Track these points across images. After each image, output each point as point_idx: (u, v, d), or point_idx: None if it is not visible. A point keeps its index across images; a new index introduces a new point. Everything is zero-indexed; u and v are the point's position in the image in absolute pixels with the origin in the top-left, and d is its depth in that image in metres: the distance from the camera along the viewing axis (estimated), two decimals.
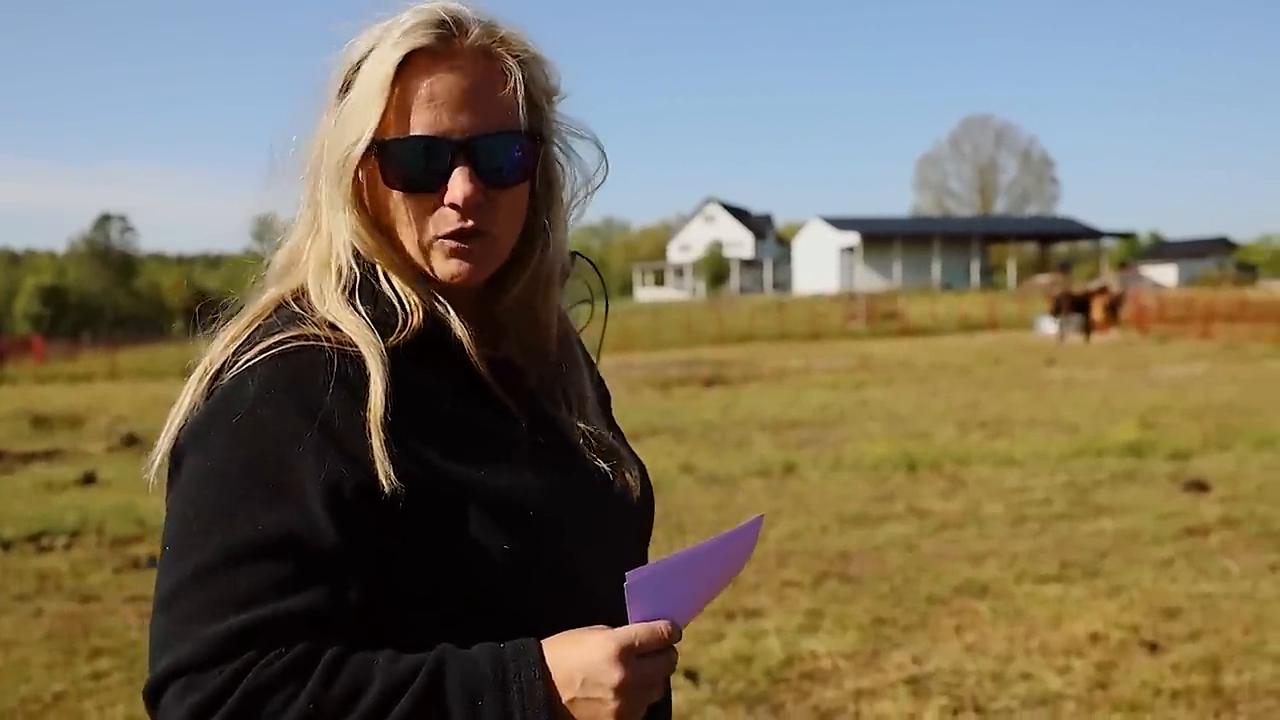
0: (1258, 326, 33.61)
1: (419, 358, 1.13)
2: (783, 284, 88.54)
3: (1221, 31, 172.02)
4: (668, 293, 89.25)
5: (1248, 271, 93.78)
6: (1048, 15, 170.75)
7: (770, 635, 5.26)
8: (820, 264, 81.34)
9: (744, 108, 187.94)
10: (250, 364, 1.08)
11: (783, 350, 31.66)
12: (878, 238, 79.29)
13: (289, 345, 1.08)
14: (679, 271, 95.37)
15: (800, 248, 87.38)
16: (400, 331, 1.12)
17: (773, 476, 9.85)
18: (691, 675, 4.68)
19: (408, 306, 1.14)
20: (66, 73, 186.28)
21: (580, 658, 1.02)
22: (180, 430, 1.11)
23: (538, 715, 1.00)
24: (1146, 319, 37.82)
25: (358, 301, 1.13)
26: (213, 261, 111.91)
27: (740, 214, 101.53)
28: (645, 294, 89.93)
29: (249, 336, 1.12)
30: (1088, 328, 30.77)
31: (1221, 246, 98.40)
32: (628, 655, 1.02)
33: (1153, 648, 4.99)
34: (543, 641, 1.05)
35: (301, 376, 1.07)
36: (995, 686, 4.60)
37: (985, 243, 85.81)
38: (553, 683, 1.02)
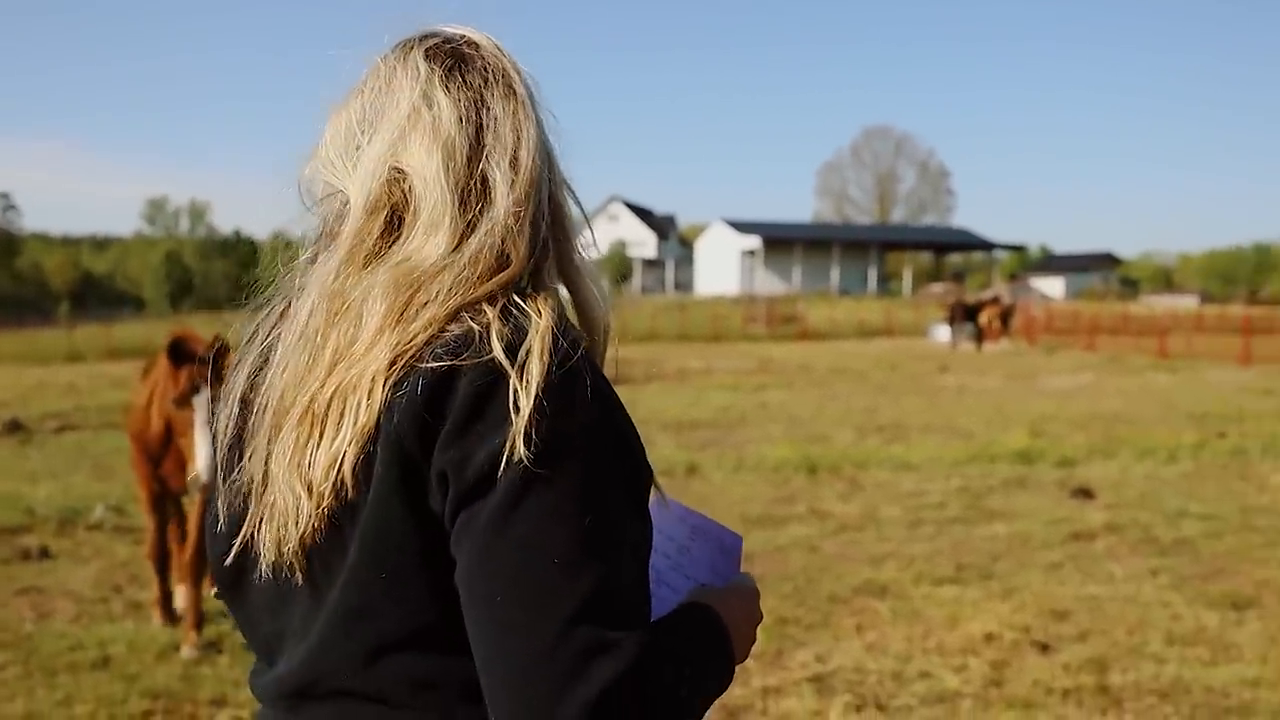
0: (1139, 340, 34.98)
1: None
2: (685, 285, 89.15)
3: (1108, 55, 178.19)
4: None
5: (1130, 286, 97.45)
6: (950, 29, 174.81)
7: None
8: (722, 266, 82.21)
9: (650, 108, 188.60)
10: (577, 361, 1.11)
11: (684, 351, 31.90)
12: (779, 242, 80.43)
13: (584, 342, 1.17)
14: None
15: (703, 249, 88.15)
16: None
17: (676, 477, 9.94)
18: None
19: None
20: None
21: (744, 609, 1.29)
22: (543, 413, 1.05)
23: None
24: (1035, 330, 39.04)
25: None
26: (100, 243, 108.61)
27: (644, 214, 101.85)
28: None
29: (563, 329, 1.12)
30: (980, 336, 31.63)
31: (1106, 261, 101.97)
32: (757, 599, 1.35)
33: (1044, 648, 5.19)
34: (713, 594, 1.28)
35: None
36: (896, 685, 4.74)
37: (883, 250, 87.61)
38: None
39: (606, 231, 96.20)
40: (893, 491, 9.22)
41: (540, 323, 1.09)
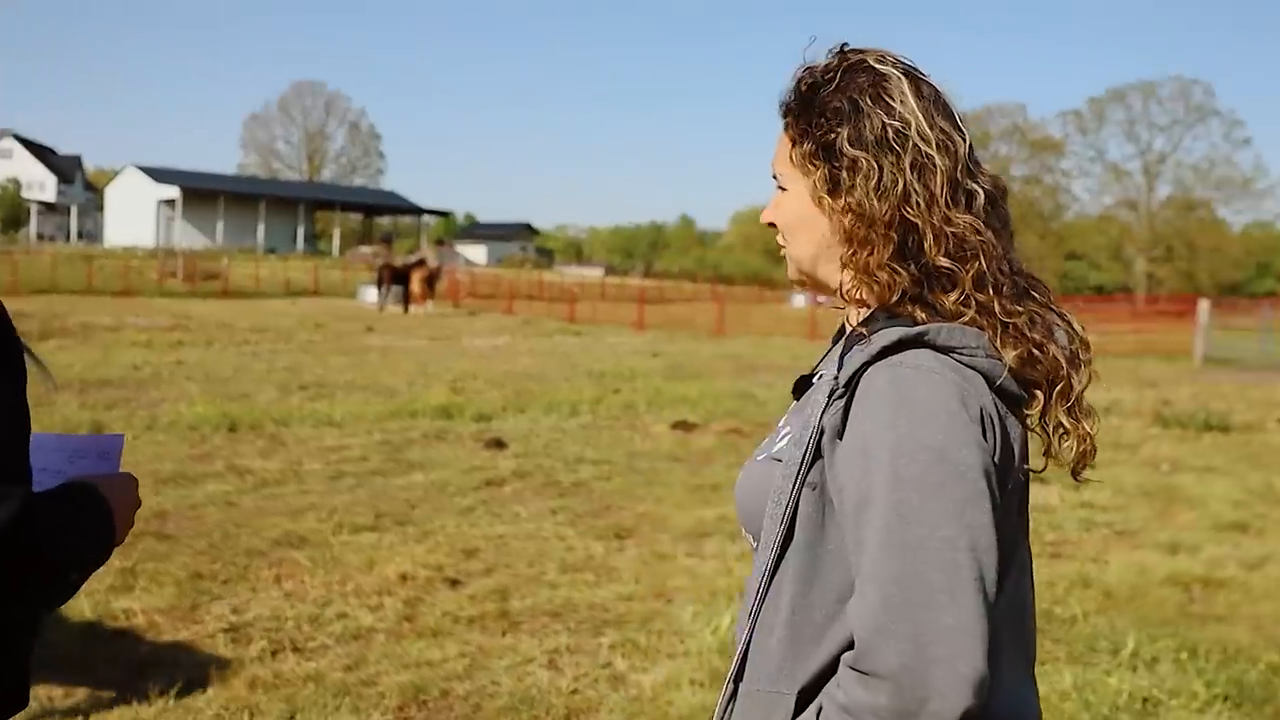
0: (552, 305, 37.85)
1: None
2: (92, 234, 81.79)
3: (541, 34, 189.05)
4: None
5: (546, 255, 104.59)
6: None
7: (80, 597, 5.02)
8: (136, 216, 76.27)
9: (53, 39, 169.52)
10: None
11: (90, 305, 29.28)
12: (200, 193, 76.28)
13: None
14: None
15: (114, 197, 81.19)
16: None
17: None
18: None
19: None
20: None
21: (123, 491, 1.45)
22: None
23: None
24: (460, 293, 40.67)
25: None
26: None
27: (42, 152, 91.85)
28: None
29: None
30: (407, 299, 32.27)
31: (526, 232, 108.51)
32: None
33: (454, 583, 5.56)
34: (100, 483, 1.42)
35: None
36: (313, 627, 4.84)
37: (312, 209, 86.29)
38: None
39: None
40: (315, 447, 9.25)
41: None
